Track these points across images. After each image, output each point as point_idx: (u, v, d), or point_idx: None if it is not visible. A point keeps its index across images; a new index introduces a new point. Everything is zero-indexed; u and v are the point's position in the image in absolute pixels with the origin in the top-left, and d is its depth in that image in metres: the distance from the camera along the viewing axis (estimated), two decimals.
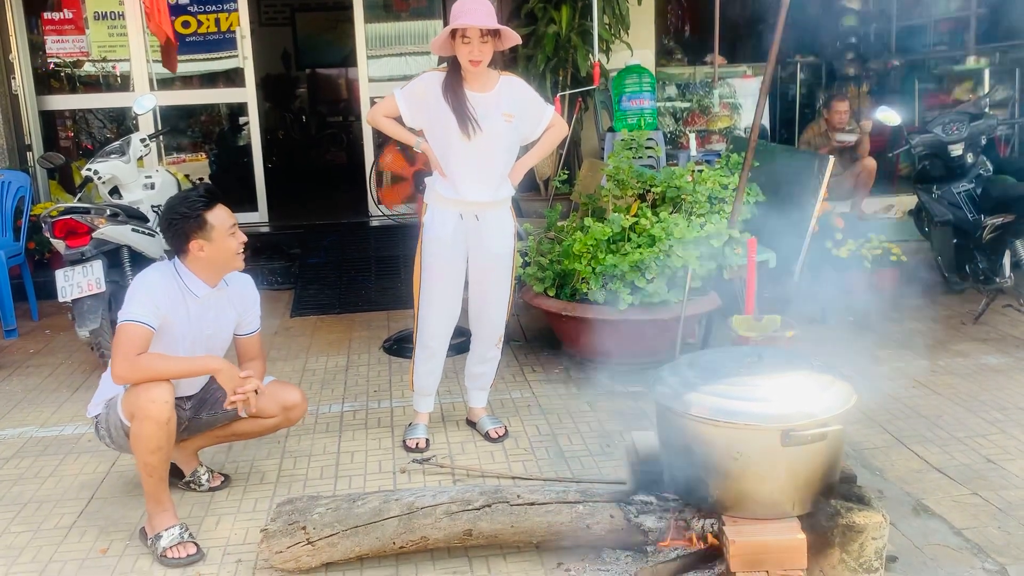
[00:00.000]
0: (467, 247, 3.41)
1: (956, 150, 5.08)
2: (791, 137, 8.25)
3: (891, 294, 5.55)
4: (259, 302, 3.16)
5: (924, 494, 3.06)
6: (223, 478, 3.29)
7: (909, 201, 6.07)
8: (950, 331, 4.81)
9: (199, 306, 2.91)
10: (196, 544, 2.81)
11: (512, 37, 3.30)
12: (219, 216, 2.85)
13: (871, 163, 6.62)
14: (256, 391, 2.82)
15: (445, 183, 3.37)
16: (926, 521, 2.88)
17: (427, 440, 3.58)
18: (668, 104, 7.27)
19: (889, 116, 5.27)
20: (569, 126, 6.41)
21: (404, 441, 3.59)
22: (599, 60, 5.97)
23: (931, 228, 5.41)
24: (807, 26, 9.43)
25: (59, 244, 4.26)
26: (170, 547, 2.77)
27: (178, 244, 2.86)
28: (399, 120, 3.42)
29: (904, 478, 3.18)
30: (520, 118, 3.35)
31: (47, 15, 6.93)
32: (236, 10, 7.03)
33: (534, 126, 3.43)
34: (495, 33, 3.23)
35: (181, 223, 2.82)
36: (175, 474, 3.22)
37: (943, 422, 3.65)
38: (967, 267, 5.17)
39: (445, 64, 3.38)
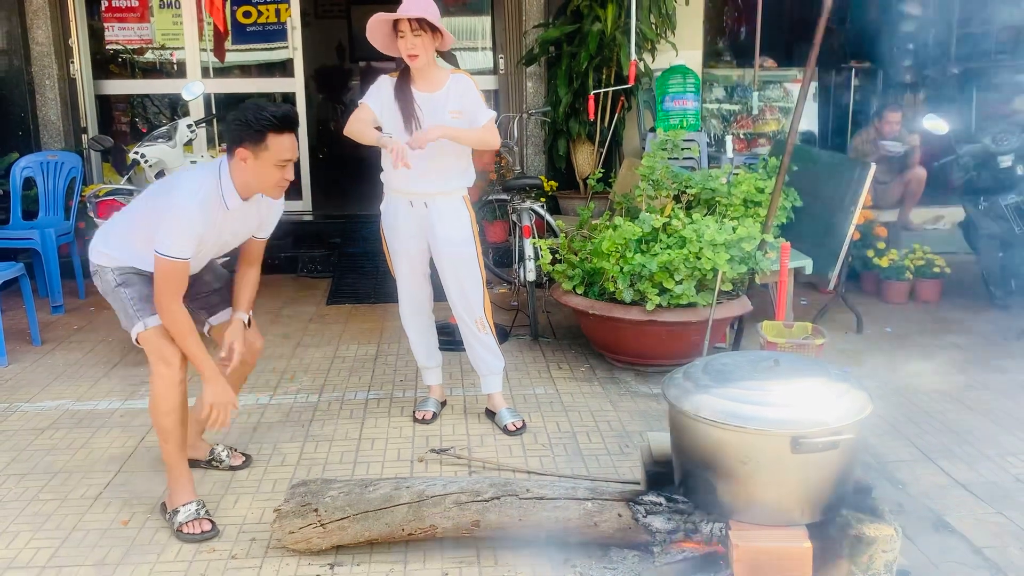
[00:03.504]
0: (424, 234, 3.55)
1: (1005, 161, 4.95)
2: (843, 144, 8.10)
3: (933, 306, 5.44)
4: (281, 214, 3.14)
5: (946, 510, 2.99)
6: (244, 458, 3.36)
7: (959, 212, 5.92)
8: (991, 346, 4.69)
9: (227, 217, 2.88)
10: (212, 521, 2.87)
11: (448, 37, 3.36)
12: (280, 143, 2.75)
13: (921, 172, 6.47)
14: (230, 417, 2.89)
15: (392, 173, 3.51)
16: (945, 538, 2.82)
17: (434, 413, 3.79)
18: (716, 106, 7.20)
19: (937, 124, 5.15)
20: (609, 125, 6.41)
21: (413, 412, 3.78)
22: (642, 59, 5.93)
23: (978, 241, 5.28)
24: (863, 31, 9.28)
25: (102, 224, 4.38)
26: (186, 523, 2.84)
27: (230, 143, 2.80)
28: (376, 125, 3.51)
29: (927, 493, 3.11)
30: (465, 115, 3.42)
31: (114, 3, 7.11)
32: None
33: (471, 124, 3.44)
34: (432, 28, 3.29)
35: (242, 128, 2.75)
36: (194, 462, 3.29)
37: (973, 438, 3.56)
38: (1012, 282, 5.04)
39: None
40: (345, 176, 9.53)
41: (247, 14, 7.27)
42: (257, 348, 3.21)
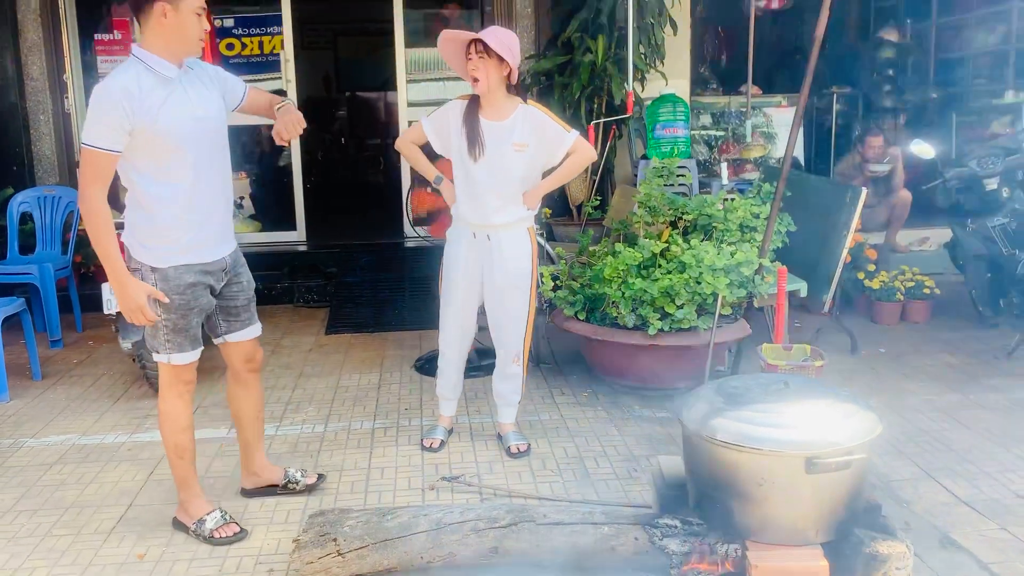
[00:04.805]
0: (481, 265, 3.58)
1: (991, 184, 5.07)
2: (826, 168, 8.25)
3: (924, 326, 5.54)
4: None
5: (951, 527, 3.05)
6: (318, 476, 3.43)
7: (944, 233, 6.04)
8: (983, 365, 4.78)
9: (175, 91, 2.77)
10: (238, 524, 3.02)
11: (514, 70, 3.41)
12: None
13: (906, 195, 6.60)
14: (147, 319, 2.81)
15: (462, 204, 3.59)
16: (952, 554, 2.88)
17: (442, 441, 3.81)
18: (703, 133, 7.33)
19: (923, 149, 5.28)
20: (602, 154, 6.51)
21: (421, 440, 3.81)
22: (633, 89, 6.04)
23: (965, 262, 5.39)
24: (845, 57, 9.48)
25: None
26: (216, 528, 2.97)
27: (144, 2, 2.69)
28: (425, 148, 3.64)
29: (931, 511, 3.18)
30: (536, 146, 3.50)
31: (104, 37, 7.15)
32: (280, 33, 7.23)
33: (553, 153, 3.55)
34: (499, 57, 3.36)
35: None
36: (269, 490, 3.35)
37: (973, 456, 3.63)
38: (1001, 302, 5.14)
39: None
40: (336, 205, 9.60)
41: (230, 46, 7.33)
42: (258, 359, 3.26)
